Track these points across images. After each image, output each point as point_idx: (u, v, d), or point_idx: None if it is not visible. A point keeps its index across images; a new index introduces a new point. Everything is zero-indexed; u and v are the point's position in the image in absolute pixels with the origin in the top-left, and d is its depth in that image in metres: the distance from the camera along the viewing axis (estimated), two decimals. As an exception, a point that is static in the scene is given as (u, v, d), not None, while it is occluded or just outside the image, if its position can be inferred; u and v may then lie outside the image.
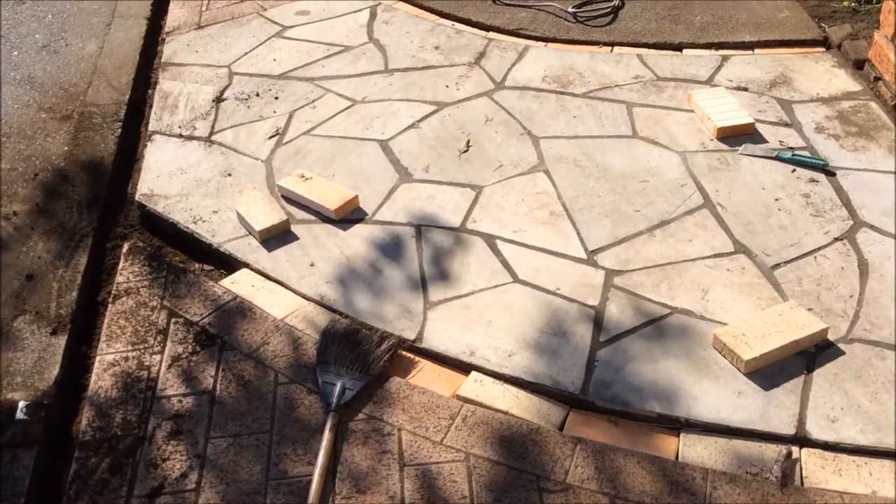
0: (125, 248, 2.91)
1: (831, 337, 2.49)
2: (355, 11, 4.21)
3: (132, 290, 2.73)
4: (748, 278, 2.71)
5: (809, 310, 2.56)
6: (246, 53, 3.91)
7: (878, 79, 3.48)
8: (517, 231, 2.93)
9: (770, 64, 3.69)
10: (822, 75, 3.60)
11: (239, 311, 2.65)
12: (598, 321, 2.60)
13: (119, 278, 2.78)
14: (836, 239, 2.82)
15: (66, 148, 3.38)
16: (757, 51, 3.80)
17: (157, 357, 2.51)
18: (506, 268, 2.80)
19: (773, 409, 2.31)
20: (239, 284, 2.77)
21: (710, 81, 3.59)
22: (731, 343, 2.44)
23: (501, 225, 2.96)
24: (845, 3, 3.97)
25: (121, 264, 2.84)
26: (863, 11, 3.91)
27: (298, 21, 4.14)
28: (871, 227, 2.86)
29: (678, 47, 3.85)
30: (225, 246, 2.91)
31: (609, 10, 4.11)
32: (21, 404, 2.38)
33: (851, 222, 2.88)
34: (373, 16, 4.17)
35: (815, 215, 2.92)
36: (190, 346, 2.54)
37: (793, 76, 3.60)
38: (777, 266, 2.74)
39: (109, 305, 2.69)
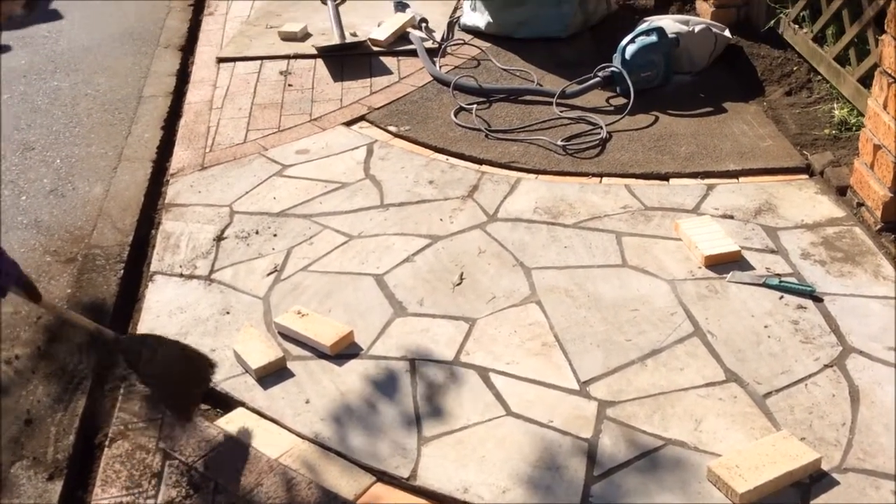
0: (122, 389, 2.94)
1: (825, 467, 2.49)
2: (353, 149, 4.36)
3: (128, 433, 2.75)
4: (740, 407, 2.72)
5: (802, 439, 2.56)
6: (247, 192, 4.04)
7: (860, 204, 3.57)
8: (510, 363, 2.96)
9: (755, 192, 3.79)
10: (806, 202, 3.69)
11: (233, 451, 2.67)
12: (591, 454, 2.60)
13: (116, 421, 2.81)
14: (826, 366, 2.85)
15: (69, 290, 3.46)
16: (741, 179, 3.91)
17: (151, 501, 2.51)
18: (499, 400, 2.82)
19: (769, 544, 2.29)
20: (234, 424, 2.79)
21: (696, 210, 3.69)
22: (726, 476, 2.43)
23: (494, 357, 2.99)
24: (826, 131, 4.11)
25: (118, 406, 2.87)
26: (843, 138, 4.03)
27: (298, 160, 4.29)
28: (860, 352, 2.89)
29: (665, 177, 3.96)
30: (221, 385, 2.94)
31: (597, 142, 4.26)
32: (13, 554, 2.37)
33: (840, 348, 2.91)
34: (370, 153, 4.32)
35: (805, 342, 2.95)
36: (184, 490, 2.54)
37: (777, 203, 3.69)
38: (769, 394, 2.76)
39: (105, 449, 2.71)
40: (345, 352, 3.06)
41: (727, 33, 4.90)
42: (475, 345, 3.05)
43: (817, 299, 3.13)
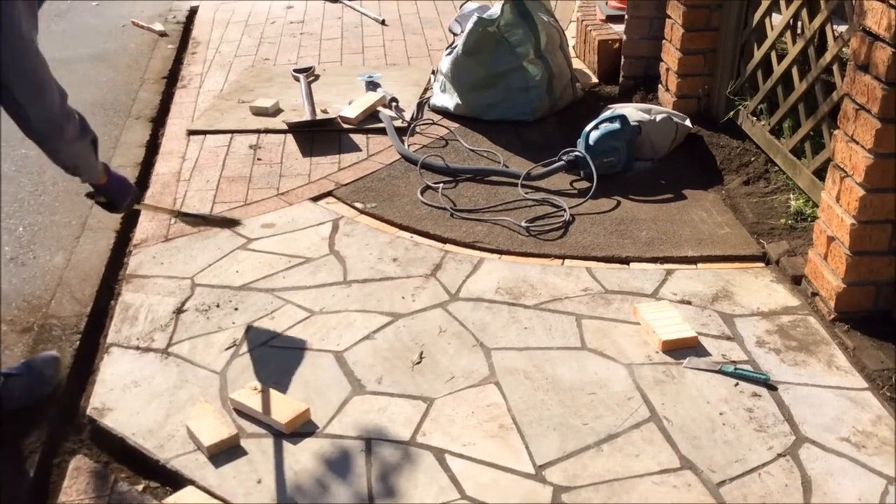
0: (71, 464, 2.89)
1: (777, 558, 2.48)
2: (318, 224, 4.38)
3: (74, 510, 2.70)
4: (694, 495, 2.72)
5: (755, 529, 2.57)
6: (210, 265, 4.03)
7: (815, 294, 3.64)
8: (466, 445, 2.95)
9: (712, 278, 3.85)
10: (762, 290, 3.75)
11: (181, 531, 2.61)
12: (544, 541, 2.58)
13: (62, 497, 2.75)
14: (780, 455, 2.86)
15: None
16: (700, 265, 3.98)
17: (93, 582, 2.45)
18: (454, 483, 2.79)
19: None
20: (182, 503, 2.74)
21: (655, 294, 3.74)
22: (677, 565, 2.42)
23: (451, 438, 2.98)
24: (782, 221, 4.20)
25: (65, 482, 2.81)
26: (799, 228, 4.12)
27: (263, 233, 4.30)
28: (813, 442, 2.91)
29: (625, 261, 4.02)
30: (172, 462, 2.89)
31: (560, 224, 4.32)
32: None
33: (794, 437, 2.93)
34: (335, 228, 4.34)
35: (759, 430, 2.97)
36: (127, 571, 2.48)
37: (734, 290, 3.75)
38: (722, 483, 2.76)
39: (49, 526, 2.65)
40: (300, 430, 3.03)
41: (688, 123, 5.03)
42: (432, 425, 3.04)
43: (772, 387, 3.16)
